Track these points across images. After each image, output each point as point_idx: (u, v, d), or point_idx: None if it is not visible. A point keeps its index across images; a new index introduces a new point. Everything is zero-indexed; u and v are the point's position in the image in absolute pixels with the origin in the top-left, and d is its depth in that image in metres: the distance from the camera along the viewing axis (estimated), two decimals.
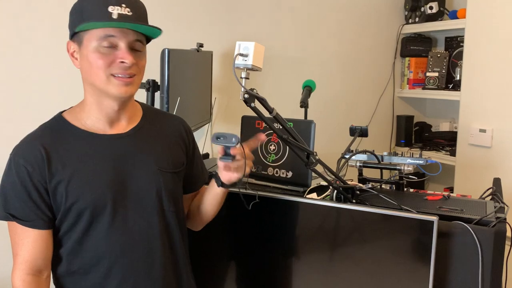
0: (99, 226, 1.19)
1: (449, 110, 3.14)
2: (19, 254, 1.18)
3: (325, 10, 2.87)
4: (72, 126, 1.21)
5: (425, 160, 1.68)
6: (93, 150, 1.20)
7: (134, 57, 1.15)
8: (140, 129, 1.27)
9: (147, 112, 1.32)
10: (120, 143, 1.22)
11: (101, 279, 1.21)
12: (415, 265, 1.37)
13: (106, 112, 1.21)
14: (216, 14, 2.50)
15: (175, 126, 1.35)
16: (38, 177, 1.15)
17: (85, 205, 1.17)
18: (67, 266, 1.22)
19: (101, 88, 1.16)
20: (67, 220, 1.18)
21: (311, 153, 1.39)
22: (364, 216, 1.43)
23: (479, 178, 2.50)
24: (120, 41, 1.13)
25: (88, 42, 1.14)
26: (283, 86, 2.67)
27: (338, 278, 1.47)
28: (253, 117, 1.78)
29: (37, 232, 1.17)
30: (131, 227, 1.22)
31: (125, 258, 1.21)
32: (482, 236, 1.34)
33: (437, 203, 1.55)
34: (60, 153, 1.17)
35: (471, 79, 2.57)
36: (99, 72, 1.14)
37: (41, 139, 1.18)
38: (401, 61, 3.21)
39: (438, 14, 2.97)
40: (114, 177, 1.20)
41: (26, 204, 1.16)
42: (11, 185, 1.17)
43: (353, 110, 3.06)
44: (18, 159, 1.16)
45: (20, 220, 1.16)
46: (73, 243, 1.20)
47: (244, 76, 1.21)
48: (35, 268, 1.18)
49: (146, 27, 1.14)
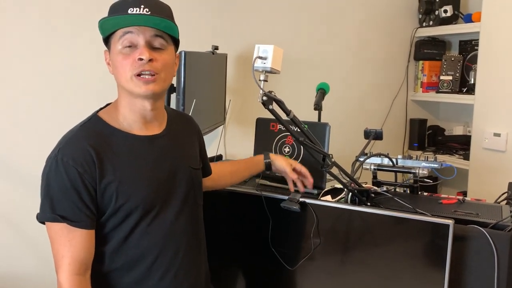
0: (144, 225, 1.22)
1: (462, 114, 3.12)
2: (66, 256, 1.17)
3: (339, 13, 2.87)
4: (111, 127, 1.23)
5: (440, 164, 1.67)
6: (136, 151, 1.23)
7: (154, 54, 1.17)
8: (170, 129, 1.32)
9: (170, 114, 1.37)
10: (158, 144, 1.27)
11: (143, 274, 1.24)
12: (430, 269, 1.37)
13: (139, 113, 1.24)
14: (231, 17, 2.52)
15: (192, 125, 1.44)
16: (89, 178, 1.15)
17: (136, 204, 1.20)
18: (109, 263, 1.23)
19: (128, 89, 1.20)
20: (113, 219, 1.20)
21: (327, 156, 1.39)
22: (379, 219, 1.43)
23: (493, 182, 2.48)
24: (139, 37, 1.16)
25: (114, 46, 1.19)
26: (297, 88, 2.68)
27: (351, 280, 1.48)
28: (267, 119, 1.79)
29: (85, 232, 1.17)
30: (173, 222, 1.27)
31: (167, 252, 1.27)
32: (498, 240, 1.34)
33: (452, 206, 1.55)
34: (108, 154, 1.18)
35: (486, 83, 2.56)
36: (123, 73, 1.18)
37: (88, 140, 1.18)
38: (415, 64, 3.20)
39: (453, 17, 2.97)
40: (159, 177, 1.25)
41: (76, 205, 1.15)
42: (59, 187, 1.16)
43: (366, 113, 3.05)
44: (67, 159, 1.15)
45: (69, 221, 1.16)
46: (118, 241, 1.21)
47: (262, 79, 1.23)
48: (82, 268, 1.18)
49: (157, 18, 1.15)
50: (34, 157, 2.07)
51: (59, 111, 2.11)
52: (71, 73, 2.12)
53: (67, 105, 2.12)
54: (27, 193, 2.07)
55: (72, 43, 2.11)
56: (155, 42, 1.18)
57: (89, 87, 2.16)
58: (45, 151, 2.05)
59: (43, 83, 2.07)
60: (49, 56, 2.08)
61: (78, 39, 2.12)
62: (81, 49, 2.13)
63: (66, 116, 2.11)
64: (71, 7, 2.10)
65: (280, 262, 1.58)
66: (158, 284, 1.25)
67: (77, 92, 2.14)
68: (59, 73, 2.10)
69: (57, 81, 2.10)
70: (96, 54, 2.15)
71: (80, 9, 2.12)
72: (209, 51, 2.23)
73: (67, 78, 2.12)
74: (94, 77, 2.17)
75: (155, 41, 1.18)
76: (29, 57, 2.04)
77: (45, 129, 2.08)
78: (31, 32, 2.03)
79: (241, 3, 2.54)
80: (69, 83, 2.12)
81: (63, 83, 2.11)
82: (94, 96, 2.17)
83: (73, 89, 2.13)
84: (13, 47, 2.01)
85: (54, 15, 2.07)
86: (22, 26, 2.01)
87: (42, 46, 2.06)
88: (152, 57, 1.16)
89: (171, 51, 1.23)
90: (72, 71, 2.13)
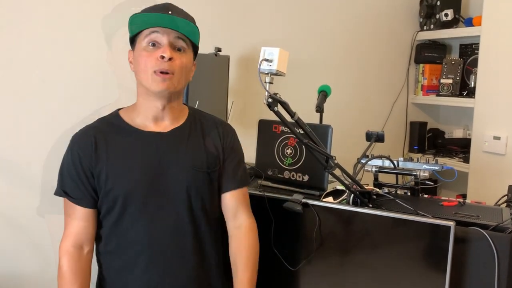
0: (131, 213, 1.32)
1: (462, 117, 3.14)
2: (67, 228, 1.35)
3: (340, 16, 2.89)
4: (124, 122, 1.36)
5: (441, 166, 1.69)
6: (135, 144, 1.33)
7: (174, 54, 1.27)
8: (182, 129, 1.38)
9: (192, 115, 1.43)
10: (160, 141, 1.34)
11: (130, 262, 1.34)
12: (431, 270, 1.38)
13: (152, 110, 1.34)
14: (234, 19, 2.53)
15: (213, 130, 1.44)
16: (87, 162, 1.31)
17: (119, 192, 1.31)
18: (105, 246, 1.37)
19: (146, 85, 1.29)
20: (105, 204, 1.33)
21: (330, 157, 1.41)
22: (380, 220, 1.45)
23: (493, 185, 2.49)
24: (163, 37, 1.27)
25: (139, 44, 1.30)
26: (298, 90, 2.69)
27: (353, 281, 1.49)
28: (270, 121, 1.80)
29: (83, 210, 1.33)
30: (159, 219, 1.33)
31: (151, 247, 1.32)
32: (498, 242, 1.35)
33: (453, 209, 1.56)
34: (108, 144, 1.32)
35: (486, 87, 2.58)
36: (145, 69, 1.28)
37: (95, 130, 1.35)
38: (416, 67, 3.21)
39: (453, 21, 2.98)
40: (148, 171, 1.32)
41: (76, 184, 1.32)
42: (66, 166, 1.34)
43: (367, 116, 3.07)
44: (74, 144, 1.34)
45: (70, 197, 1.33)
46: (110, 225, 1.34)
47: (268, 81, 1.24)
48: (78, 242, 1.33)
49: (182, 21, 1.26)
50: (34, 157, 2.08)
51: (59, 111, 2.11)
52: (72, 73, 2.13)
53: (68, 105, 2.13)
54: (28, 193, 2.08)
55: (74, 43, 2.12)
56: (177, 44, 1.29)
57: (89, 87, 2.17)
58: (45, 150, 2.09)
59: (44, 83, 2.08)
60: (49, 56, 2.08)
61: (79, 39, 2.13)
62: (83, 49, 2.14)
63: (66, 116, 2.12)
64: (72, 7, 2.11)
65: (282, 263, 1.59)
66: (141, 275, 1.33)
67: (78, 93, 2.15)
68: (59, 73, 2.11)
69: (57, 81, 2.11)
70: (98, 55, 2.17)
71: (82, 10, 2.13)
72: (212, 53, 2.25)
73: (67, 78, 2.12)
74: (95, 77, 2.18)
75: (177, 43, 1.29)
76: (30, 57, 2.05)
77: (45, 129, 2.09)
78: (32, 32, 2.04)
79: (243, 5, 2.55)
80: (69, 83, 2.13)
81: (63, 83, 2.12)
82: (94, 97, 2.18)
83: (73, 89, 2.14)
84: (14, 48, 2.02)
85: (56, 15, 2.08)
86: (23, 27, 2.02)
87: (43, 46, 2.07)
88: (173, 56, 1.27)
89: (190, 56, 1.33)
90: (73, 71, 2.13)
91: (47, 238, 2.12)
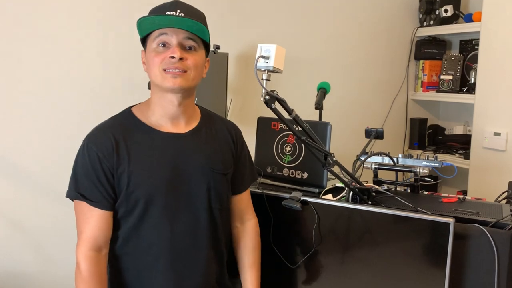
0: (152, 216, 1.30)
1: (462, 113, 3.13)
2: (84, 232, 1.29)
3: (340, 13, 2.88)
4: (139, 121, 1.34)
5: (441, 163, 1.68)
6: (155, 145, 1.31)
7: (185, 54, 1.27)
8: (198, 131, 1.38)
9: (204, 116, 1.43)
10: (179, 142, 1.34)
11: (150, 264, 1.32)
12: (431, 267, 1.38)
13: (167, 108, 1.33)
14: (232, 16, 2.52)
15: (227, 131, 1.45)
16: (107, 163, 1.27)
17: (141, 195, 1.28)
18: (123, 247, 1.33)
19: (157, 83, 1.29)
20: (124, 205, 1.30)
21: (329, 154, 1.40)
22: (380, 217, 1.44)
23: (493, 181, 2.49)
24: (172, 38, 1.27)
25: (149, 45, 1.30)
26: (297, 88, 2.69)
27: (353, 279, 1.48)
28: (269, 119, 1.80)
29: (101, 212, 1.29)
30: (180, 220, 1.32)
31: (173, 248, 1.32)
32: (498, 239, 1.34)
33: (452, 205, 1.55)
34: (128, 144, 1.29)
35: (486, 82, 2.57)
36: (154, 68, 1.28)
37: (113, 129, 1.31)
38: (415, 63, 3.21)
39: (453, 17, 2.97)
40: (170, 173, 1.31)
41: (95, 186, 1.27)
42: (82, 168, 1.29)
43: (367, 113, 3.06)
44: (91, 145, 1.28)
45: (88, 200, 1.28)
46: (129, 227, 1.31)
47: (265, 78, 1.24)
48: (97, 245, 1.29)
49: (190, 21, 1.25)
50: (35, 156, 2.08)
51: (59, 111, 2.11)
52: (72, 74, 2.13)
53: (68, 105, 2.13)
54: (28, 192, 2.08)
55: (76, 44, 2.12)
56: (187, 43, 1.28)
57: (89, 87, 2.17)
58: (45, 150, 2.09)
59: (44, 83, 2.08)
60: (51, 56, 2.08)
61: (82, 39, 2.13)
62: (85, 49, 2.14)
63: (67, 116, 2.12)
64: (75, 7, 2.10)
65: (282, 261, 1.59)
66: (160, 277, 1.32)
67: (78, 93, 2.15)
68: (60, 74, 2.11)
69: (57, 81, 2.11)
70: (101, 55, 2.17)
71: (85, 10, 2.12)
72: (211, 50, 2.24)
73: (67, 79, 2.12)
74: (95, 78, 2.18)
75: (186, 43, 1.28)
76: (31, 56, 2.04)
77: (46, 129, 2.09)
78: (34, 33, 2.04)
79: (242, 3, 2.55)
80: (70, 84, 2.13)
81: (64, 83, 2.12)
82: (94, 97, 2.18)
83: (73, 90, 2.14)
84: (14, 48, 2.01)
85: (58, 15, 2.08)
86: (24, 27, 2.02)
87: (45, 47, 2.06)
88: (183, 56, 1.26)
89: (201, 54, 1.33)
90: (74, 72, 2.13)
91: (47, 238, 2.12)
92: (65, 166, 1.36)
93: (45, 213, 2.10)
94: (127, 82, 2.20)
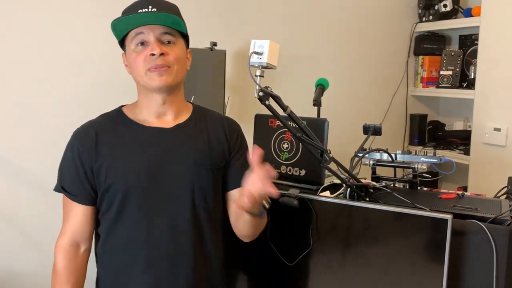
0: (130, 210, 1.28)
1: (462, 109, 3.12)
2: (64, 225, 1.32)
3: (338, 8, 2.87)
4: (127, 118, 1.34)
5: (439, 159, 1.67)
6: (139, 140, 1.31)
7: (165, 49, 1.26)
8: (185, 126, 1.36)
9: (196, 112, 1.41)
10: (163, 136, 1.32)
11: (130, 261, 1.29)
12: (429, 263, 1.37)
13: (153, 106, 1.32)
14: (230, 13, 2.51)
15: (218, 126, 1.41)
16: (86, 157, 1.28)
17: (119, 188, 1.28)
18: (104, 245, 1.33)
19: (143, 83, 1.28)
20: (105, 200, 1.30)
21: (325, 151, 1.39)
22: (378, 214, 1.43)
23: (493, 177, 2.48)
24: (149, 35, 1.25)
25: (128, 47, 1.29)
26: (296, 84, 2.68)
27: (350, 276, 1.48)
28: (266, 116, 1.79)
29: (80, 207, 1.30)
30: (160, 217, 1.29)
31: (152, 245, 1.28)
32: (496, 235, 1.33)
33: (451, 201, 1.54)
34: (109, 139, 1.30)
35: (486, 78, 2.55)
36: (138, 69, 1.27)
37: (97, 125, 1.33)
38: (415, 59, 3.19)
39: (452, 12, 2.95)
40: (150, 167, 1.29)
41: (74, 180, 1.29)
42: (66, 161, 1.32)
43: (366, 109, 3.05)
44: (74, 139, 1.31)
45: (68, 193, 1.31)
46: (109, 224, 1.30)
47: (258, 74, 1.23)
48: (75, 240, 1.31)
49: (164, 14, 1.23)
50: (34, 156, 2.08)
51: (59, 111, 2.11)
52: (69, 74, 2.12)
53: (69, 105, 2.12)
54: (28, 192, 2.08)
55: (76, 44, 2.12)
56: (165, 38, 1.27)
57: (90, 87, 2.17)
58: (45, 149, 2.08)
59: (44, 84, 2.08)
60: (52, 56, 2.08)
61: (82, 39, 2.12)
62: (87, 49, 2.14)
63: (67, 116, 2.12)
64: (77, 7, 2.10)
65: (279, 258, 1.58)
66: (141, 275, 1.29)
67: (80, 93, 2.14)
68: (57, 74, 2.10)
69: (58, 81, 2.10)
70: (99, 55, 2.17)
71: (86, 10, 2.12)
72: (208, 48, 2.23)
73: (67, 79, 2.12)
74: (93, 78, 2.17)
75: (164, 37, 1.27)
76: (32, 57, 2.04)
77: (45, 129, 2.09)
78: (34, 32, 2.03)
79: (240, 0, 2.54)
80: (70, 84, 2.13)
81: (64, 83, 2.12)
82: (95, 97, 2.17)
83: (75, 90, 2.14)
84: (15, 48, 2.01)
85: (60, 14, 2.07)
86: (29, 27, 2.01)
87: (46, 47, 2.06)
88: (163, 51, 1.25)
89: (181, 46, 1.31)
90: (71, 72, 2.13)
91: (46, 236, 2.12)
92: None
93: (43, 211, 2.10)
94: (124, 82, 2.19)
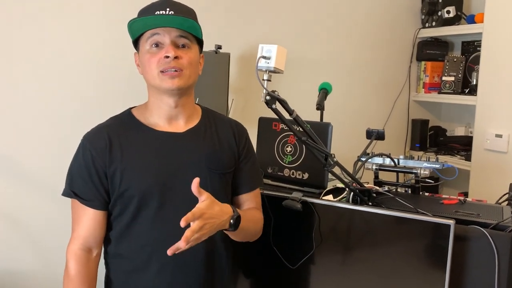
0: (145, 215, 1.28)
1: (464, 115, 3.12)
2: (75, 230, 1.30)
3: (342, 13, 2.88)
4: (138, 121, 1.33)
5: (442, 164, 1.68)
6: (151, 145, 1.30)
7: (179, 52, 1.26)
8: (197, 130, 1.36)
9: (205, 115, 1.41)
10: (176, 141, 1.32)
11: (142, 265, 1.29)
12: (431, 268, 1.37)
13: (164, 109, 1.32)
14: (234, 16, 2.52)
15: (228, 130, 1.42)
16: (100, 161, 1.27)
17: (135, 193, 1.27)
18: (115, 248, 1.32)
19: (155, 85, 1.28)
20: (118, 205, 1.29)
21: (329, 155, 1.40)
22: (380, 218, 1.44)
23: (494, 183, 2.48)
24: (164, 37, 1.26)
25: (142, 47, 1.29)
26: (299, 88, 2.69)
27: (352, 280, 1.48)
28: (270, 119, 1.80)
29: (93, 212, 1.28)
30: (174, 220, 1.24)
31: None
32: (498, 241, 1.34)
33: (453, 207, 1.55)
34: (122, 143, 1.29)
35: (488, 84, 2.56)
36: (151, 70, 1.27)
37: (108, 128, 1.31)
38: (417, 65, 3.20)
39: (455, 18, 2.97)
40: (165, 172, 1.29)
41: (87, 185, 1.27)
42: (77, 166, 1.30)
43: (368, 113, 3.06)
44: (86, 143, 1.29)
45: (80, 198, 1.28)
46: (122, 227, 1.30)
47: (266, 78, 1.23)
48: (87, 245, 1.29)
49: (181, 18, 1.24)
50: (35, 156, 2.08)
51: (59, 111, 2.11)
52: (70, 75, 2.13)
53: (69, 105, 2.13)
54: (28, 192, 2.08)
55: (76, 44, 2.12)
56: (180, 42, 1.27)
57: (90, 87, 2.17)
58: (46, 150, 2.09)
59: (44, 84, 2.08)
60: (50, 56, 2.08)
61: (81, 39, 2.13)
62: (84, 50, 2.14)
63: (67, 116, 2.12)
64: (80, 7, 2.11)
65: (282, 261, 1.59)
66: (153, 279, 1.30)
67: (81, 93, 2.15)
68: (58, 74, 2.11)
69: (58, 81, 2.11)
70: (100, 55, 2.17)
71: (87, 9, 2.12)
72: (212, 50, 2.24)
73: (65, 79, 2.12)
74: (94, 78, 2.18)
75: (179, 41, 1.27)
76: (33, 56, 2.05)
77: (45, 128, 2.09)
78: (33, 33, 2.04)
79: (244, 3, 2.55)
80: (71, 84, 2.13)
81: (64, 83, 2.12)
82: (95, 97, 2.18)
83: (76, 90, 2.14)
84: (16, 48, 2.01)
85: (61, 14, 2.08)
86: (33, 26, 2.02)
87: (45, 47, 2.07)
88: (178, 54, 1.25)
89: (195, 50, 1.31)
90: (73, 73, 2.13)
91: (47, 237, 2.12)
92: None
93: (44, 211, 2.10)
94: (126, 83, 2.20)
